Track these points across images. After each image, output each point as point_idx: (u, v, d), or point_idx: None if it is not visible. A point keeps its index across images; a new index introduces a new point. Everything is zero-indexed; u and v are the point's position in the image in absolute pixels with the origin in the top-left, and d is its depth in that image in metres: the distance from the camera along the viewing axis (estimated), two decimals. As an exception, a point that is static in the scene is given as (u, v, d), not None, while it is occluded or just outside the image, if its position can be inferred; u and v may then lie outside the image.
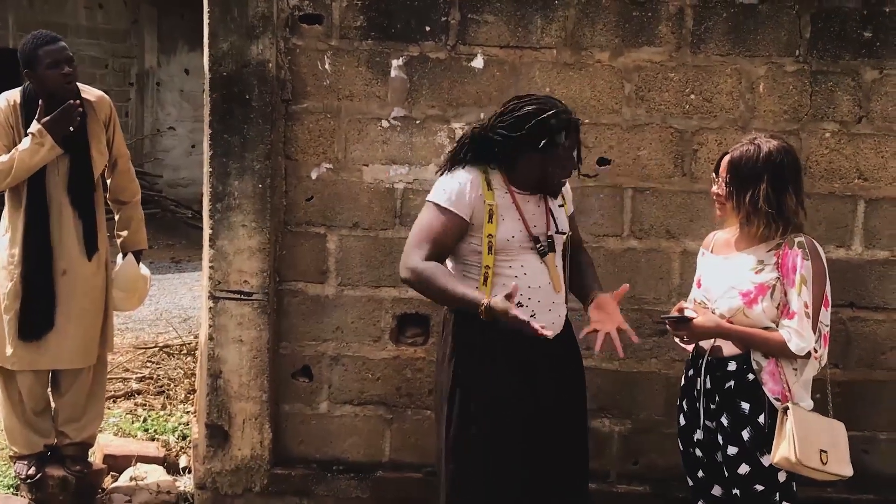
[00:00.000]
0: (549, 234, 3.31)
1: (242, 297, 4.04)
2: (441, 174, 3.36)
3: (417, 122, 4.07)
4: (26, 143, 4.12)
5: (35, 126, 4.12)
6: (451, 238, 3.22)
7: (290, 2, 4.00)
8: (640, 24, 4.01)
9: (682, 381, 3.45)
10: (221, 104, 3.97)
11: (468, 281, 3.25)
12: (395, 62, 4.04)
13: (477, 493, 3.27)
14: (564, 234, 3.37)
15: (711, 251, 3.42)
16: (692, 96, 4.04)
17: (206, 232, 4.06)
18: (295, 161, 4.09)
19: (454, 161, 3.33)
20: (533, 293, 3.24)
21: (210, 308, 4.06)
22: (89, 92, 4.38)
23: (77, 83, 4.28)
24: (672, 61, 4.02)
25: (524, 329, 2.92)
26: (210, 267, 4.05)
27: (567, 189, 3.49)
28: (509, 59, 4.03)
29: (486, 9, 4.00)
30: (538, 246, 3.26)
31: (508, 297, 2.96)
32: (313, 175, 4.10)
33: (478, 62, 4.04)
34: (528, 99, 3.26)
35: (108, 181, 4.50)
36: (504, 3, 4.00)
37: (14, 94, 4.29)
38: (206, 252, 4.07)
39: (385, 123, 4.07)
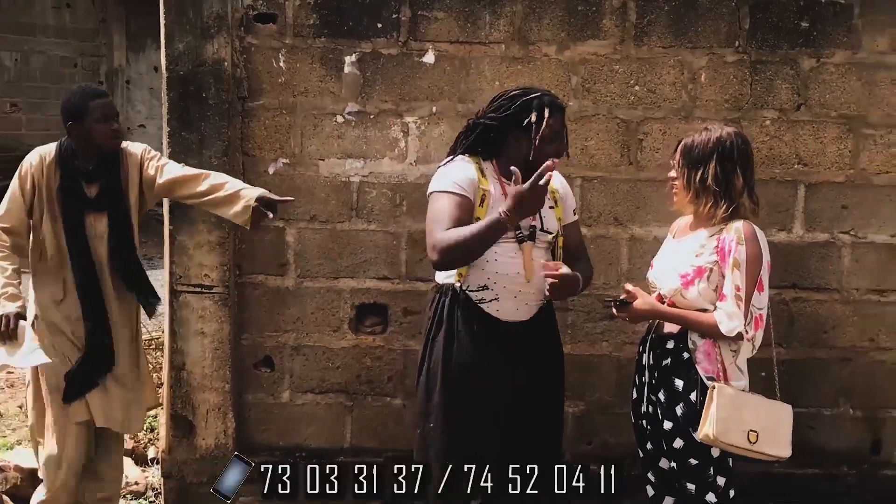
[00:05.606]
0: (532, 224, 3.39)
1: (203, 290, 4.13)
2: (441, 167, 3.48)
3: (371, 116, 4.16)
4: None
5: None
6: (466, 218, 3.30)
7: (245, 1, 4.09)
8: (585, 19, 4.12)
9: (636, 356, 3.57)
10: (179, 103, 4.06)
11: None
12: (348, 58, 4.14)
13: (462, 448, 3.39)
14: (549, 233, 3.45)
15: (674, 236, 3.53)
16: (636, 87, 4.16)
17: (167, 228, 4.14)
18: (252, 157, 4.18)
19: (452, 152, 3.48)
20: (499, 279, 3.36)
21: (172, 302, 4.14)
22: (130, 146, 3.99)
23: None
24: (616, 54, 4.14)
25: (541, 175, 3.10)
26: (171, 262, 4.13)
27: (568, 194, 3.60)
28: (459, 53, 4.13)
29: (436, 5, 4.11)
30: (517, 233, 3.35)
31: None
32: (270, 170, 4.19)
33: (429, 57, 4.14)
34: (515, 87, 3.47)
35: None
36: (453, -1, 4.11)
37: (48, 151, 3.90)
38: (167, 247, 4.15)
39: (340, 118, 4.17)
